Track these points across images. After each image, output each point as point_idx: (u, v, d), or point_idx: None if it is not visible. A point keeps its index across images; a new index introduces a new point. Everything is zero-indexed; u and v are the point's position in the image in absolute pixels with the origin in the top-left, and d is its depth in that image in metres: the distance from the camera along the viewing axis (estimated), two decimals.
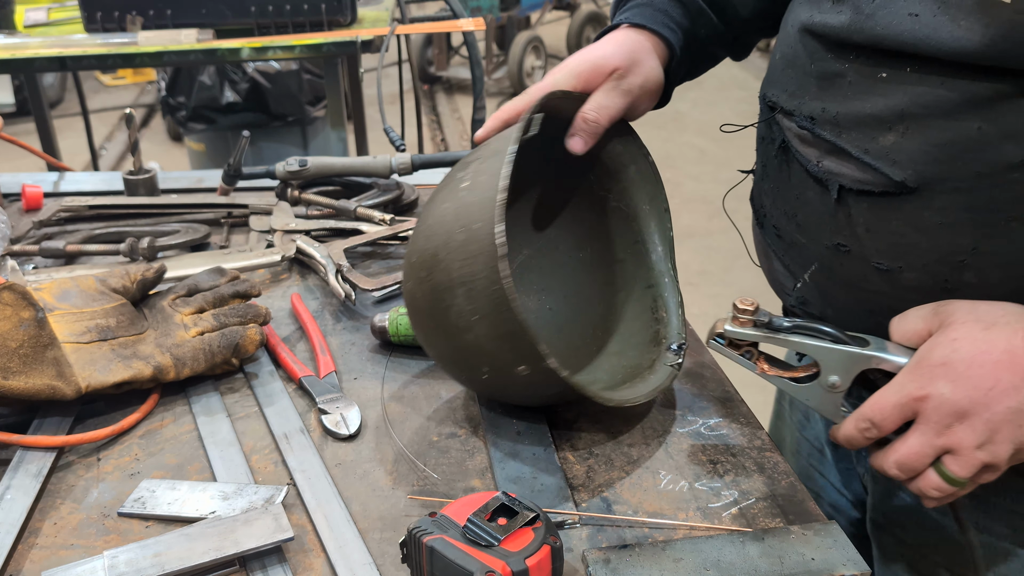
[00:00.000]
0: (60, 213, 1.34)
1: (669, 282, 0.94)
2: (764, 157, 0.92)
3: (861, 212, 0.79)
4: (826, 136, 0.80)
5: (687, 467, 0.81)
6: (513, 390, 0.82)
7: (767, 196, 0.92)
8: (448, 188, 0.80)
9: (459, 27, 1.87)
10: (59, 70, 2.63)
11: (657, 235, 0.95)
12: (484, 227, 0.73)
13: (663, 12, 0.93)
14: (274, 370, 0.97)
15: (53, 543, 0.74)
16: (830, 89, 0.79)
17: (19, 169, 2.07)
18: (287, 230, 1.25)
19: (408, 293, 0.83)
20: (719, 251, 3.80)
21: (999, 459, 0.70)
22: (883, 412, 0.73)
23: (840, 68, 0.78)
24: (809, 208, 0.84)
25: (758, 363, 0.80)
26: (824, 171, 0.81)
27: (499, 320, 0.74)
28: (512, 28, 6.15)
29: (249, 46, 1.78)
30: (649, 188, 0.94)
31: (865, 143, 0.76)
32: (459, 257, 0.75)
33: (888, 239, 0.78)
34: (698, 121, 5.41)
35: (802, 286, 0.88)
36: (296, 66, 3.53)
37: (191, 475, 0.82)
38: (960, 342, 0.71)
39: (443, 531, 0.65)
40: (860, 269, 0.81)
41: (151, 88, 6.28)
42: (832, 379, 0.77)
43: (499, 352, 0.76)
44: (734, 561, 0.67)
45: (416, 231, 0.82)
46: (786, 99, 0.85)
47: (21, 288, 0.88)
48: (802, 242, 0.86)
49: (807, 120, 0.82)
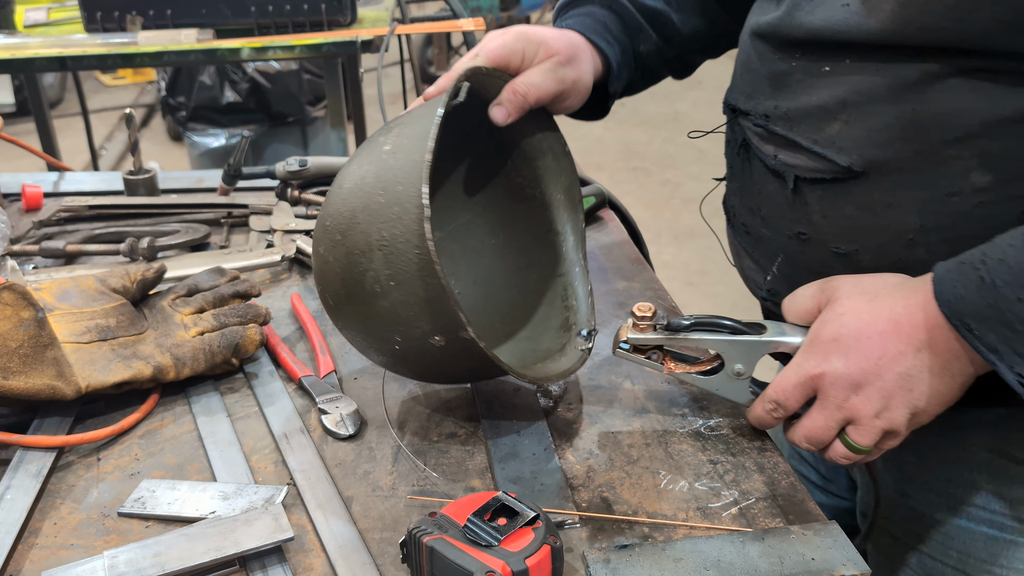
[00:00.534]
0: (60, 213, 1.34)
1: (580, 271, 0.95)
2: (730, 158, 0.96)
3: (816, 200, 0.82)
4: (779, 131, 0.84)
5: (687, 467, 0.81)
6: (425, 363, 0.80)
7: (735, 196, 0.96)
8: (368, 151, 0.79)
9: (459, 27, 1.87)
10: (59, 70, 2.63)
11: (569, 225, 0.95)
12: (407, 190, 0.72)
13: (602, 24, 0.95)
14: (274, 370, 0.97)
15: (53, 543, 0.74)
16: (780, 88, 0.84)
17: (19, 169, 2.08)
18: (287, 230, 1.25)
19: (319, 258, 0.80)
20: (719, 251, 3.78)
21: (896, 425, 0.74)
22: (785, 392, 0.77)
23: (787, 67, 0.83)
24: (771, 201, 0.88)
25: (665, 363, 0.84)
26: (780, 164, 0.85)
27: (418, 285, 0.73)
28: None
29: (249, 46, 1.78)
30: (564, 179, 0.95)
31: (814, 134, 0.80)
32: (379, 220, 0.74)
33: (842, 223, 0.81)
34: (698, 121, 5.35)
35: (771, 279, 0.91)
36: (296, 66, 3.53)
37: (191, 475, 0.82)
38: (847, 316, 0.75)
39: (443, 531, 0.65)
40: (821, 255, 0.84)
41: (151, 88, 6.27)
42: (737, 367, 0.81)
43: (415, 320, 0.74)
44: (734, 561, 0.67)
45: (331, 194, 0.80)
46: (743, 101, 0.89)
47: (21, 288, 0.88)
48: (767, 235, 0.90)
49: (762, 118, 0.86)
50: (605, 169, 4.71)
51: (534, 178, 0.95)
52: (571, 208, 0.95)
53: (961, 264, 0.70)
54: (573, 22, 0.95)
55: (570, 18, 0.96)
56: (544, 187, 0.95)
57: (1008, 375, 0.68)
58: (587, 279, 0.95)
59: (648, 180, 4.57)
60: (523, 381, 0.78)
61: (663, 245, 3.86)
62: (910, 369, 0.72)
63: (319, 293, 0.83)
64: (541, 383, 0.80)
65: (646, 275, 1.16)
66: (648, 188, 4.44)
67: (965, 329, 0.69)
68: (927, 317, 0.71)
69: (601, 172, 4.66)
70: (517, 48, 0.86)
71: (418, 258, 0.72)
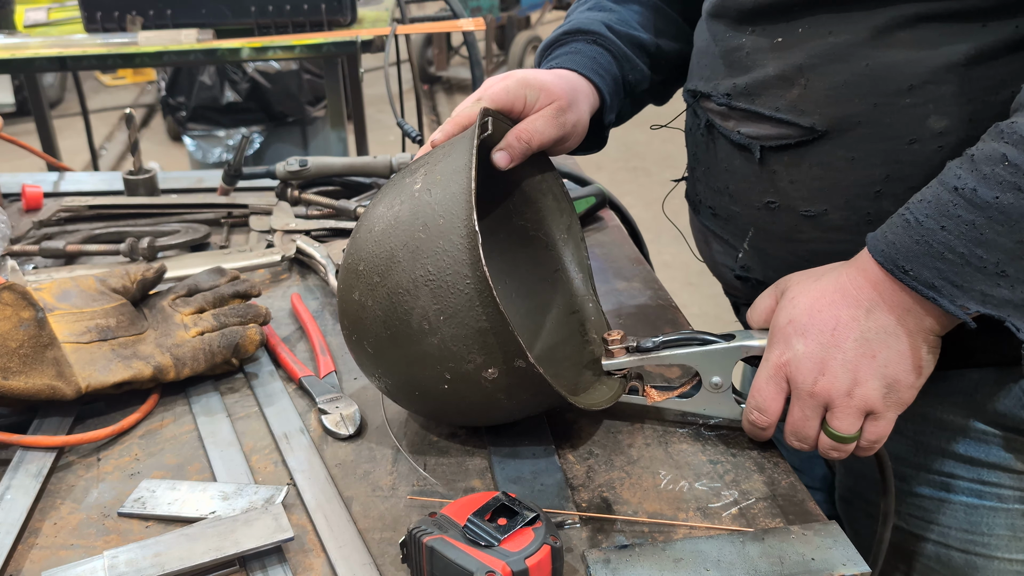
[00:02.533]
0: (60, 213, 1.34)
1: (594, 306, 0.95)
2: (693, 145, 0.99)
3: (782, 166, 0.85)
4: (742, 106, 0.87)
5: (687, 467, 0.81)
6: (472, 402, 0.78)
7: (699, 182, 0.98)
8: (394, 193, 0.79)
9: (459, 27, 1.87)
10: (59, 70, 2.63)
11: (576, 263, 0.95)
12: (449, 222, 0.72)
13: (592, 59, 0.96)
14: (274, 370, 0.97)
15: (53, 543, 0.74)
16: (736, 65, 0.87)
17: (19, 169, 2.08)
18: (287, 230, 1.25)
19: (354, 305, 0.78)
20: None
21: (871, 401, 0.74)
22: (762, 392, 0.78)
23: (739, 42, 0.87)
24: (738, 176, 0.90)
25: (647, 394, 0.85)
26: (744, 137, 0.87)
27: (470, 317, 0.72)
28: (512, 28, 6.15)
29: (249, 46, 1.78)
30: (566, 219, 0.95)
31: (775, 102, 0.84)
32: (422, 256, 0.73)
33: (810, 185, 0.84)
34: None
35: (743, 255, 0.93)
36: (296, 66, 3.53)
37: (191, 475, 0.82)
38: (798, 298, 0.77)
39: (443, 531, 0.65)
40: (791, 221, 0.86)
41: (151, 88, 6.28)
42: (714, 380, 0.81)
43: (467, 353, 0.73)
44: (734, 561, 0.68)
45: (358, 239, 0.79)
46: (703, 84, 0.93)
47: (21, 288, 0.88)
48: (736, 212, 0.92)
49: (724, 97, 0.89)
50: (605, 169, 4.70)
51: (537, 220, 0.94)
52: (575, 246, 0.95)
53: (890, 218, 0.73)
54: (565, 60, 0.96)
55: (558, 57, 0.97)
56: (547, 228, 0.95)
57: (952, 308, 0.69)
58: (600, 312, 0.94)
59: (648, 180, 4.56)
60: (577, 406, 0.78)
61: (663, 245, 3.85)
62: (865, 332, 0.73)
63: (352, 343, 0.81)
64: (592, 409, 0.80)
65: (646, 275, 1.16)
66: (648, 188, 4.44)
67: (900, 272, 0.71)
68: (869, 276, 0.74)
69: (601, 172, 4.66)
70: (520, 94, 0.86)
71: (469, 288, 0.71)
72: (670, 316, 1.06)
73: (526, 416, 0.82)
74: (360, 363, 0.82)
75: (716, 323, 3.15)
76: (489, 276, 0.70)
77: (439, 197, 0.74)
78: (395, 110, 1.59)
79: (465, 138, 0.78)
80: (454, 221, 0.72)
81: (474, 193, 0.71)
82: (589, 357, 0.91)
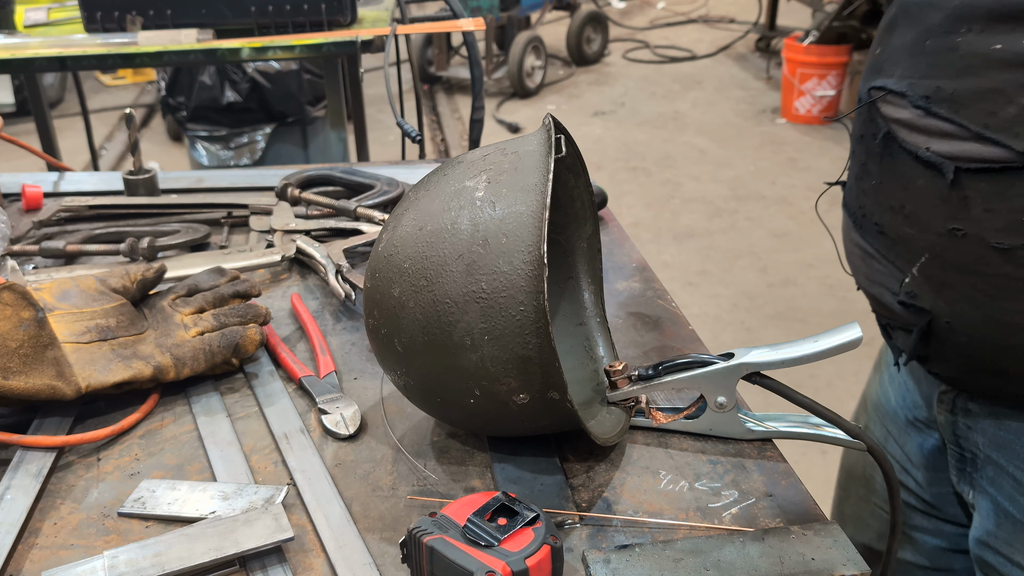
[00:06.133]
0: (60, 213, 1.34)
1: (599, 323, 0.94)
2: (864, 155, 0.91)
3: (979, 192, 0.77)
4: (943, 113, 0.78)
5: (687, 467, 0.81)
6: (493, 418, 0.78)
7: (867, 195, 0.91)
8: (452, 195, 0.76)
9: (459, 27, 1.87)
10: (59, 70, 2.63)
11: (588, 276, 0.94)
12: (513, 242, 0.70)
13: None
14: (274, 370, 0.97)
15: (53, 543, 0.74)
16: (944, 66, 0.78)
17: (19, 169, 2.07)
18: (287, 230, 1.25)
19: (391, 300, 0.76)
20: (719, 251, 3.80)
21: None
22: None
23: (952, 43, 0.77)
24: (918, 197, 0.82)
25: (653, 417, 0.84)
26: (935, 155, 0.79)
27: (516, 343, 0.70)
28: (512, 28, 6.15)
29: (249, 46, 1.78)
30: (588, 228, 0.94)
31: (984, 118, 0.75)
32: (479, 271, 0.71)
33: (1008, 216, 0.76)
34: (698, 121, 5.41)
35: (910, 280, 0.86)
36: (296, 66, 3.53)
37: (191, 475, 0.82)
38: None
39: (443, 531, 0.65)
40: (978, 252, 0.79)
41: (151, 88, 6.28)
42: (719, 400, 0.81)
43: (502, 376, 0.72)
44: (734, 561, 0.67)
45: (403, 233, 0.77)
46: (895, 82, 0.84)
47: (21, 288, 0.88)
48: (910, 234, 0.85)
49: (922, 99, 0.80)
50: (605, 169, 4.71)
51: (560, 223, 0.93)
52: (590, 257, 0.94)
53: None
54: None
55: None
56: (568, 234, 0.93)
57: None
58: (607, 332, 0.94)
59: (648, 180, 4.57)
60: (598, 442, 0.77)
61: (663, 245, 3.86)
62: None
63: (379, 336, 0.78)
64: (607, 443, 0.80)
65: (646, 275, 1.16)
66: (648, 188, 4.44)
67: None
68: None
69: (601, 172, 4.66)
70: None
71: (522, 315, 0.70)
72: (670, 316, 1.06)
73: (534, 434, 0.82)
74: (381, 356, 0.80)
75: (716, 323, 3.16)
76: (547, 309, 0.69)
77: (503, 213, 0.72)
78: (395, 110, 1.59)
79: (537, 154, 0.75)
80: (519, 244, 0.70)
81: (546, 222, 0.69)
82: (592, 376, 0.90)
